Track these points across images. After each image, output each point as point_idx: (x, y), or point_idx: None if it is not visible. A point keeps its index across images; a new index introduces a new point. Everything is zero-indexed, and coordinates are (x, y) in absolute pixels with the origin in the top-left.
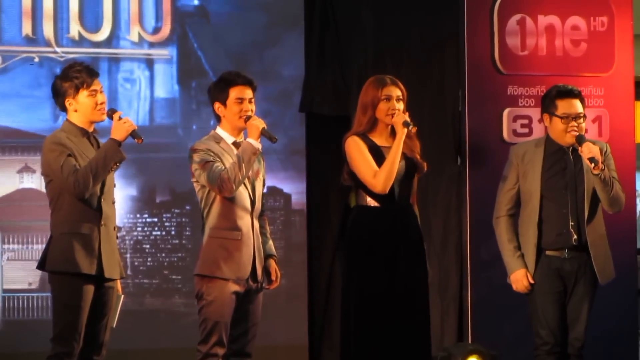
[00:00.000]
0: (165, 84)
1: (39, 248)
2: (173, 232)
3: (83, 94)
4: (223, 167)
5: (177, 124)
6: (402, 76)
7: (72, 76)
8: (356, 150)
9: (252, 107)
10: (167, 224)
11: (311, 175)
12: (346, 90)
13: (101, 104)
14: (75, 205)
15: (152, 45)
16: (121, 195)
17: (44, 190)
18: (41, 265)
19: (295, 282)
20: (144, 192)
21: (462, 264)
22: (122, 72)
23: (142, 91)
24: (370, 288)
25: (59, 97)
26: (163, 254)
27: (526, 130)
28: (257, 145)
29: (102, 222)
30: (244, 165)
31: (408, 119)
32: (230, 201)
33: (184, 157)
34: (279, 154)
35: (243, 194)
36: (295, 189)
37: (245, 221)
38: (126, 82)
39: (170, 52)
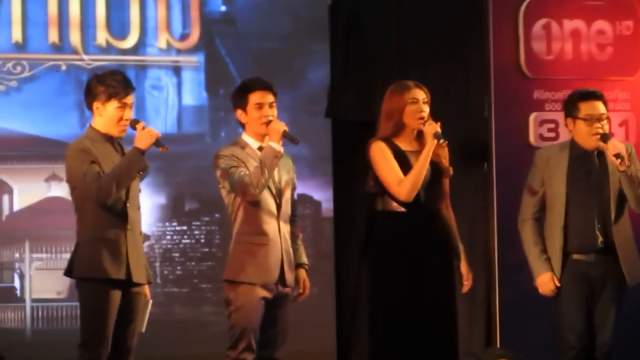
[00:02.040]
0: (193, 91)
1: (67, 257)
2: (202, 240)
3: (112, 104)
4: (247, 172)
5: (205, 131)
6: (427, 82)
7: (109, 83)
8: (381, 156)
9: (273, 111)
10: (196, 232)
11: (337, 182)
12: (371, 96)
13: (126, 120)
14: (100, 211)
15: (179, 52)
16: (149, 203)
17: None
18: (68, 272)
19: (323, 289)
20: (173, 200)
21: (489, 269)
22: (150, 80)
23: (169, 98)
24: (396, 294)
25: (89, 96)
26: (192, 263)
27: (553, 134)
28: (279, 148)
29: (129, 227)
30: (266, 169)
31: (439, 131)
32: (255, 206)
33: (212, 165)
34: (308, 160)
35: (268, 198)
36: (324, 196)
37: (271, 226)
38: (153, 90)
39: (198, 59)
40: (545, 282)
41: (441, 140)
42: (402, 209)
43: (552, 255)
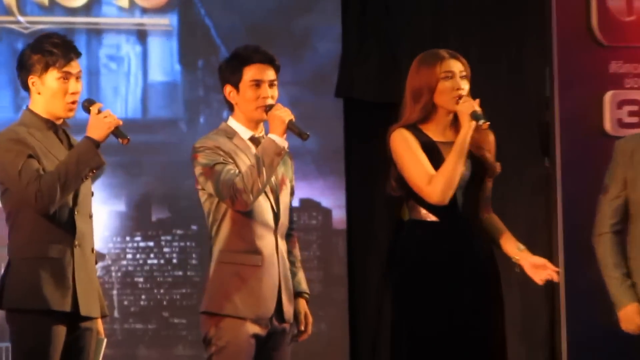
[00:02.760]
0: (163, 64)
1: None
2: (175, 261)
3: (52, 75)
4: (237, 172)
5: (178, 116)
6: (469, 53)
7: (45, 49)
8: (405, 148)
9: (274, 92)
10: (166, 249)
11: (352, 183)
12: (395, 71)
13: (72, 94)
14: (40, 221)
15: (145, 11)
16: (105, 211)
17: None
18: None
19: (334, 323)
20: (136, 207)
21: (552, 298)
22: (106, 48)
23: (132, 73)
24: (426, 328)
25: (22, 70)
26: (162, 290)
27: (635, 119)
28: (282, 143)
29: (76, 243)
30: (264, 169)
31: (478, 109)
32: (246, 216)
33: (188, 160)
34: (314, 154)
35: (263, 206)
36: (335, 202)
37: (267, 242)
38: (111, 61)
39: (169, 21)
40: (630, 316)
41: (481, 122)
42: (434, 217)
43: (638, 280)
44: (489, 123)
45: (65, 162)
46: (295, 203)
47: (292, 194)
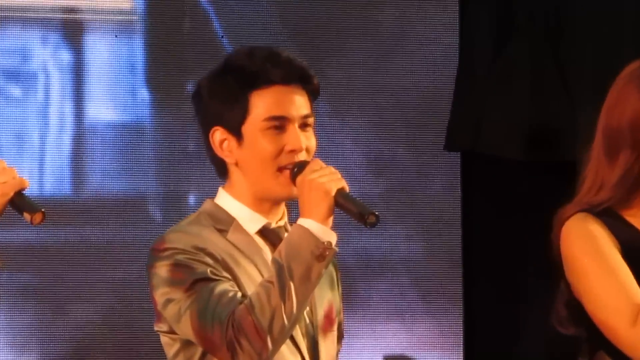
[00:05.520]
0: (115, 87)
1: None
2: None
3: None
4: (239, 295)
5: (139, 191)
6: None
7: None
8: (591, 253)
9: (310, 138)
10: None
11: (474, 316)
12: (570, 105)
13: None
14: None
15: None
16: None
17: None
18: None
19: None
20: None
21: None
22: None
23: (51, 103)
24: None
25: None
26: None
27: None
28: (327, 235)
29: None
30: (293, 288)
31: None
32: None
33: (136, 269)
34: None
35: (287, 358)
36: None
37: None
38: (9, 81)
39: (133, 3)
40: None
41: None
42: None
43: None
44: None
45: None
46: None
47: (340, 338)
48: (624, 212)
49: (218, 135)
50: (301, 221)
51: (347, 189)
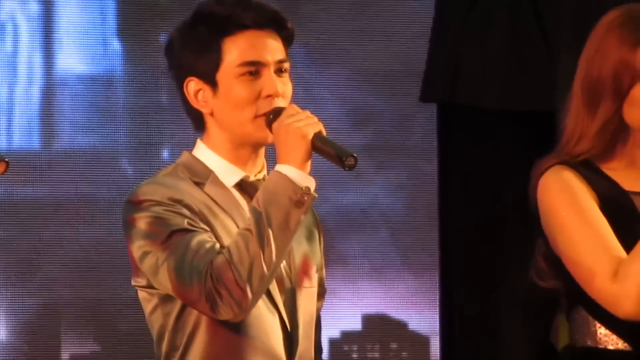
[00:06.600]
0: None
1: None
2: None
3: None
4: (218, 246)
5: (114, 141)
6: None
7: None
8: (569, 205)
9: (286, 84)
10: None
11: (451, 269)
12: (548, 55)
13: None
14: None
15: None
16: None
17: None
18: None
19: None
20: None
21: None
22: None
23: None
24: None
25: None
26: None
27: None
28: (305, 181)
29: None
30: (272, 235)
31: None
32: (234, 331)
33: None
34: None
35: (265, 318)
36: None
37: None
38: None
39: None
40: None
41: None
42: (623, 344)
43: None
44: None
45: None
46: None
47: (322, 295)
48: (603, 165)
49: (192, 85)
50: (278, 167)
51: (324, 132)
